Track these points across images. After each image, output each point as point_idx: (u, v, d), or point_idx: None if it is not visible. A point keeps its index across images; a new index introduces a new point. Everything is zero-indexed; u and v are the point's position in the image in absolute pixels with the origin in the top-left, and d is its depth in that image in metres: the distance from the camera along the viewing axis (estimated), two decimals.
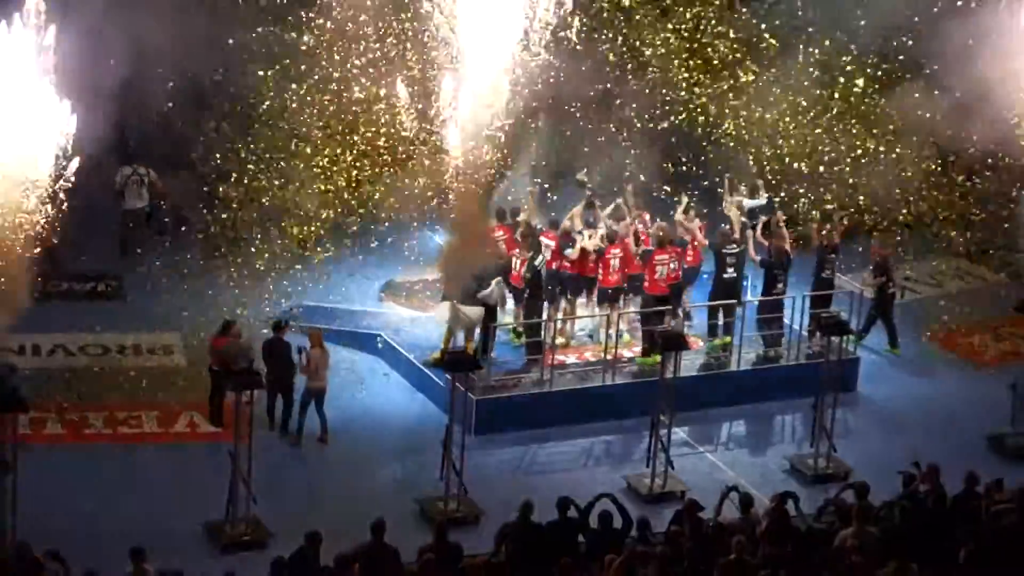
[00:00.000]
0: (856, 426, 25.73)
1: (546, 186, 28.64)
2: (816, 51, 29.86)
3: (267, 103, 27.76)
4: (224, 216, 26.17)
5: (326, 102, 28.05)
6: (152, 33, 25.86)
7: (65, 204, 21.52)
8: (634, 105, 29.80)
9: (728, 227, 26.87)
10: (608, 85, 29.92)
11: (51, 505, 21.49)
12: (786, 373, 26.77)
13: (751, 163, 28.48)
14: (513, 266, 26.20)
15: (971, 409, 26.11)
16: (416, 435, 24.85)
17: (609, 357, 26.26)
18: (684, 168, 30.44)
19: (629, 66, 30.14)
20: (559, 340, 26.72)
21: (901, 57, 29.93)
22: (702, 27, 30.27)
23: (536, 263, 25.88)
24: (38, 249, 21.69)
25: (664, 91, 29.93)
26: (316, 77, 28.10)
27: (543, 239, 26.69)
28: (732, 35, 30.55)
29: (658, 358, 24.34)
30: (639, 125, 29.89)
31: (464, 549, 20.10)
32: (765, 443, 25.63)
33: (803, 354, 26.93)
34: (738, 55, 30.43)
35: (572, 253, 26.29)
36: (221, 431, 23.78)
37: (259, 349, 24.39)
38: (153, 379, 25.86)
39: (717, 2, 30.77)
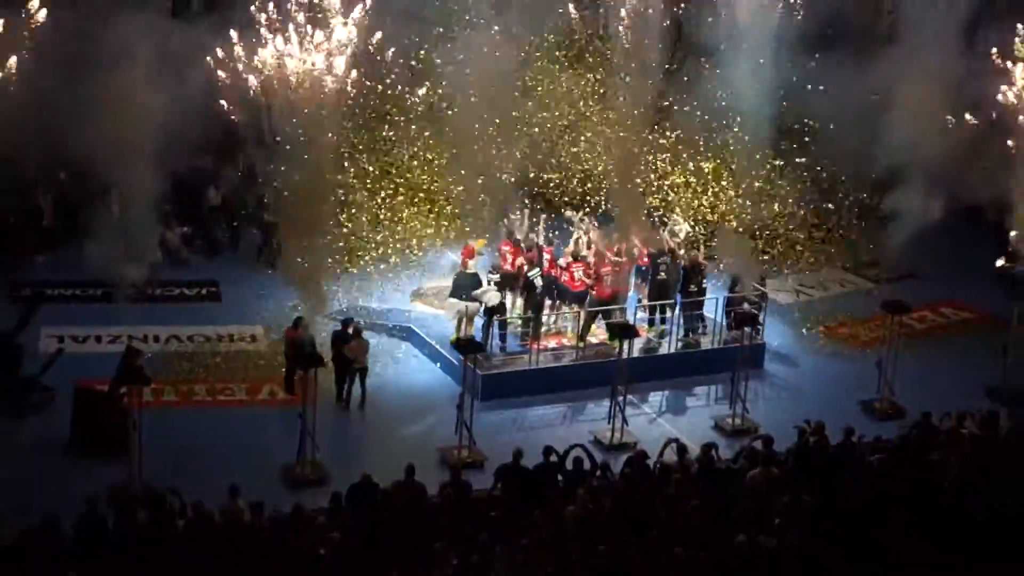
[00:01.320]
0: (763, 394, 25.69)
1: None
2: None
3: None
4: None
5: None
6: None
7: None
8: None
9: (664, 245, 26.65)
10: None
11: (168, 454, 21.42)
12: (710, 354, 26.61)
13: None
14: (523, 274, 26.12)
15: (847, 381, 26.11)
16: (436, 401, 24.75)
17: (580, 344, 26.29)
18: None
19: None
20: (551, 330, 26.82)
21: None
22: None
23: (531, 275, 25.85)
24: None
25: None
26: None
27: (544, 254, 26.67)
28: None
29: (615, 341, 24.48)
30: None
31: (472, 485, 20.16)
32: (695, 406, 25.56)
33: (722, 340, 26.74)
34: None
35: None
36: (292, 398, 23.65)
37: (323, 340, 24.42)
38: (242, 360, 25.87)
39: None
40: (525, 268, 26.00)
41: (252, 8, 26.10)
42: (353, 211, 27.31)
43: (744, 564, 17.71)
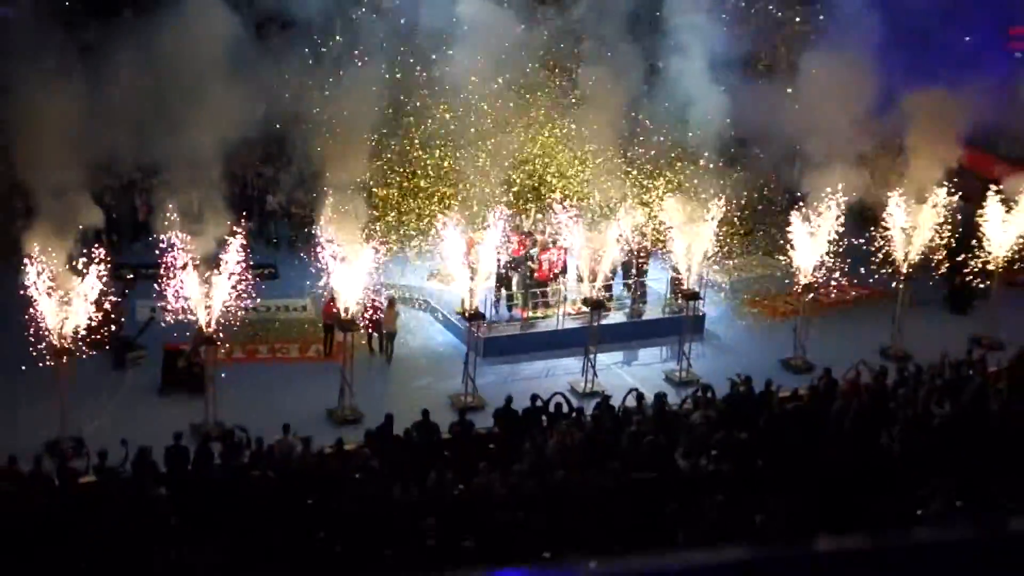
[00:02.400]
0: (704, 353, 25.55)
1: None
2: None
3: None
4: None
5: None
6: None
7: None
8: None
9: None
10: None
11: (236, 399, 21.45)
12: (662, 322, 26.45)
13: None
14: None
15: (769, 343, 26.03)
16: (447, 358, 24.72)
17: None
18: None
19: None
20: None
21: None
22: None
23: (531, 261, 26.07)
24: None
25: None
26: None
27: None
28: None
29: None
30: None
31: (475, 424, 20.17)
32: (651, 363, 25.42)
33: (671, 310, 26.58)
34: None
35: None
36: (331, 356, 23.71)
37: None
38: (295, 325, 25.76)
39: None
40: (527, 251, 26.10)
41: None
42: (384, 210, 26.99)
43: (687, 485, 17.80)
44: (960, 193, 25.65)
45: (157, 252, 21.03)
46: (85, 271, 20.08)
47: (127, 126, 21.90)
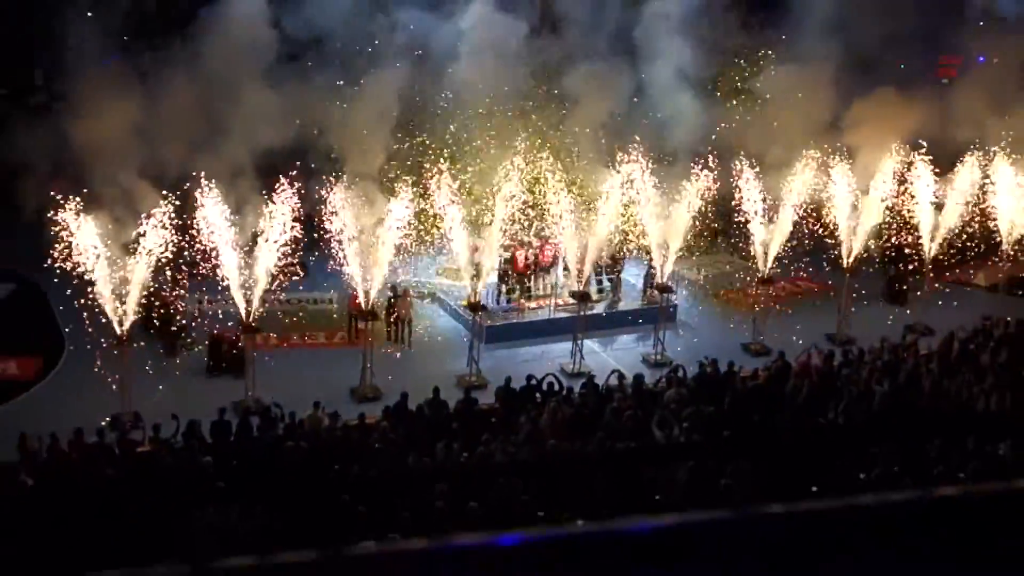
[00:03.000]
0: (676, 340, 25.54)
1: None
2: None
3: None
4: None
5: None
6: None
7: None
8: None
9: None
10: None
11: (272, 380, 21.48)
12: (640, 311, 26.44)
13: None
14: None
15: (732, 331, 26.00)
16: (454, 343, 24.71)
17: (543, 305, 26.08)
18: None
19: None
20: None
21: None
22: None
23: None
24: None
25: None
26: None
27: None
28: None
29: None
30: None
31: (478, 400, 20.24)
32: (630, 347, 25.39)
33: (647, 302, 26.58)
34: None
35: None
36: (355, 342, 23.57)
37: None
38: (322, 316, 25.69)
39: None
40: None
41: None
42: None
43: (662, 453, 17.81)
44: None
45: (202, 255, 21.07)
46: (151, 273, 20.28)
47: (180, 134, 21.94)
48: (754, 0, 29.83)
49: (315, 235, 22.17)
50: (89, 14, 24.43)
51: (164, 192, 20.44)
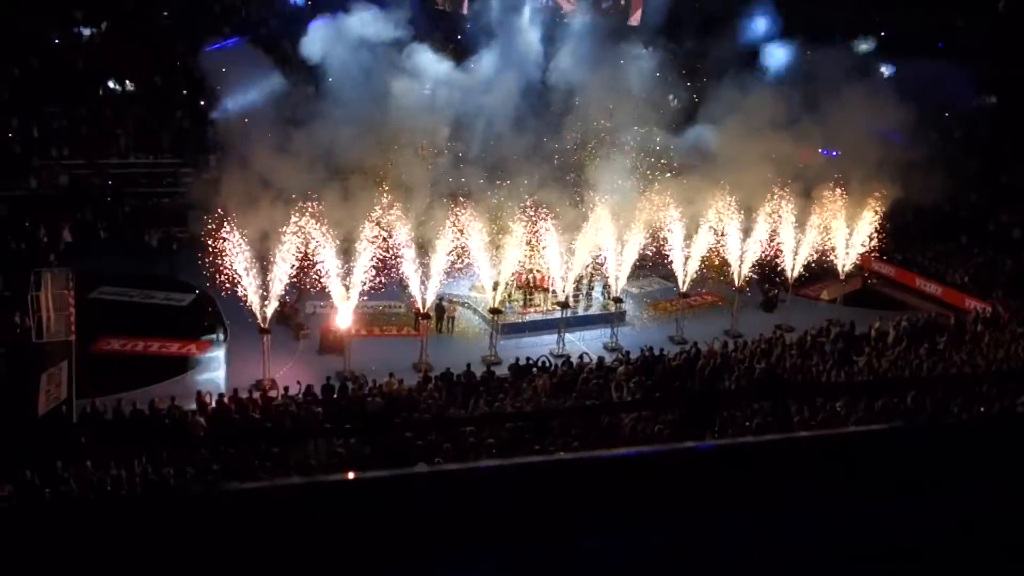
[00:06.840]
0: (625, 334, 24.90)
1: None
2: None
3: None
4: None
5: None
6: None
7: None
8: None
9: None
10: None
11: (361, 358, 21.07)
12: (603, 314, 25.74)
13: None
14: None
15: (662, 329, 25.45)
16: (481, 335, 24.32)
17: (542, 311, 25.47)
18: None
19: None
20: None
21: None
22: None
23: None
24: None
25: None
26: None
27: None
28: None
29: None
30: None
31: (496, 373, 19.97)
32: (595, 338, 24.88)
33: (606, 308, 25.95)
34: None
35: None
36: (415, 334, 23.21)
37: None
38: (395, 316, 25.20)
39: None
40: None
41: None
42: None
43: (613, 409, 17.65)
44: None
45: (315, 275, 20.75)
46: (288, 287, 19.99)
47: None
48: None
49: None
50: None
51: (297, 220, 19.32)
